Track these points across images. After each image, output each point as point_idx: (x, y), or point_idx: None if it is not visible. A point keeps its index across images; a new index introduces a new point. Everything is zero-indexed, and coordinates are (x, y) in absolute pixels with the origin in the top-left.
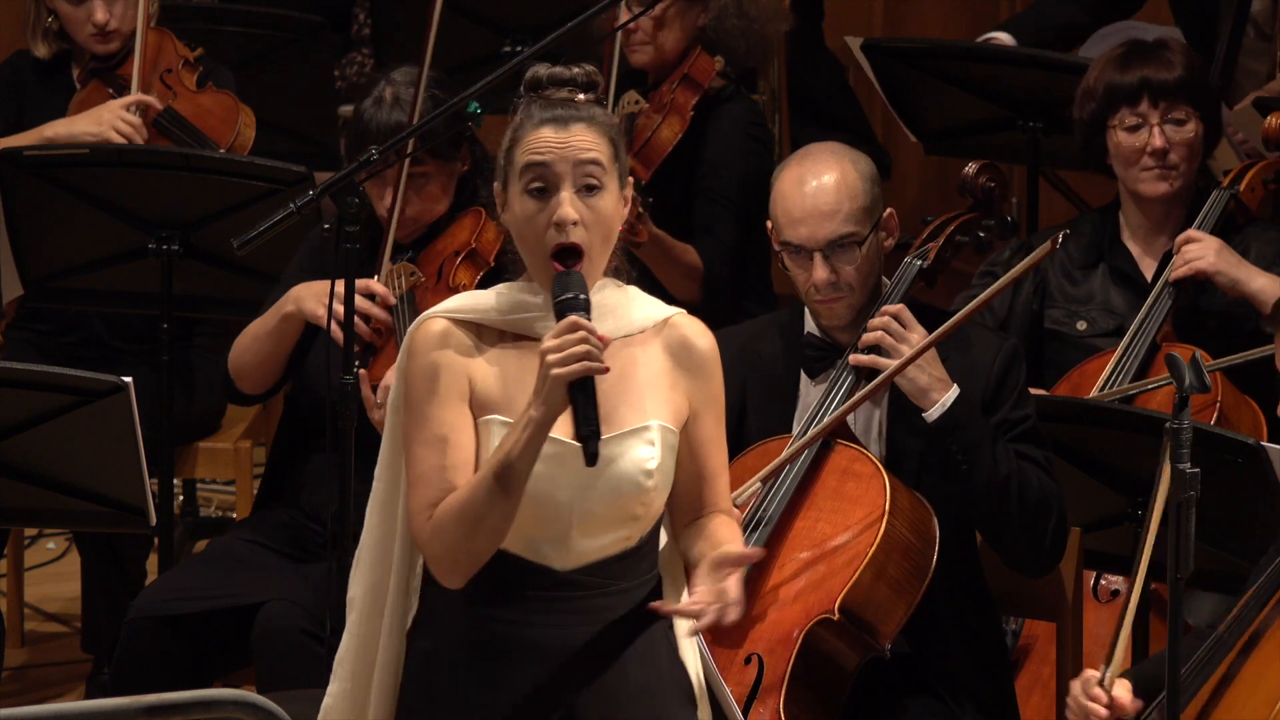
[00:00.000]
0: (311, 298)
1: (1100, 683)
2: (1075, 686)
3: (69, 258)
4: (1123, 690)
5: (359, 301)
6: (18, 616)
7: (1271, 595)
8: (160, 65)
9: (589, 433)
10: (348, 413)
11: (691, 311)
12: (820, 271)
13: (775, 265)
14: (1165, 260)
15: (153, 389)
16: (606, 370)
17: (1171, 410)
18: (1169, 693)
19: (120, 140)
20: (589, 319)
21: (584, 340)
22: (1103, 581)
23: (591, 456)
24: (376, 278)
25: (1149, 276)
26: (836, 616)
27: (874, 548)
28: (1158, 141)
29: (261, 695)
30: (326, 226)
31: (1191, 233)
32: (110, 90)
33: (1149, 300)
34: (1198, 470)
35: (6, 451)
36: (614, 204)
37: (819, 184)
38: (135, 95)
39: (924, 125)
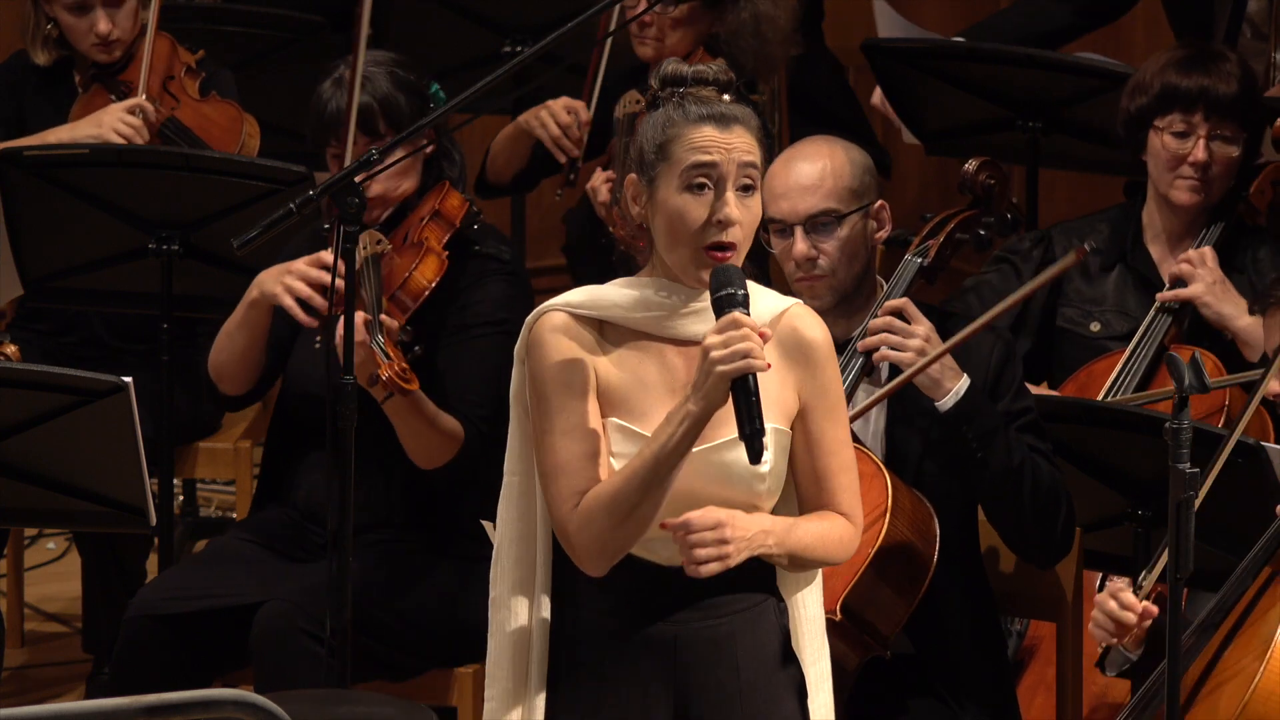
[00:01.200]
0: (270, 279)
1: (1137, 590)
2: (1102, 598)
3: (69, 258)
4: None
5: (314, 274)
6: (18, 616)
7: (1253, 576)
8: (162, 71)
9: (753, 431)
10: (347, 413)
11: None
12: (800, 246)
13: (775, 264)
14: None
15: (153, 389)
16: (768, 367)
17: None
18: (1169, 692)
19: (121, 142)
20: (748, 313)
21: (747, 337)
22: (1109, 582)
23: (756, 455)
24: (329, 249)
25: (1167, 281)
26: (838, 617)
27: (875, 548)
28: (1200, 154)
29: (260, 695)
30: (327, 227)
31: (1191, 254)
32: (112, 96)
33: (1157, 303)
34: (1198, 470)
35: (6, 451)
36: (760, 205)
37: (805, 162)
38: (137, 99)
39: (924, 125)
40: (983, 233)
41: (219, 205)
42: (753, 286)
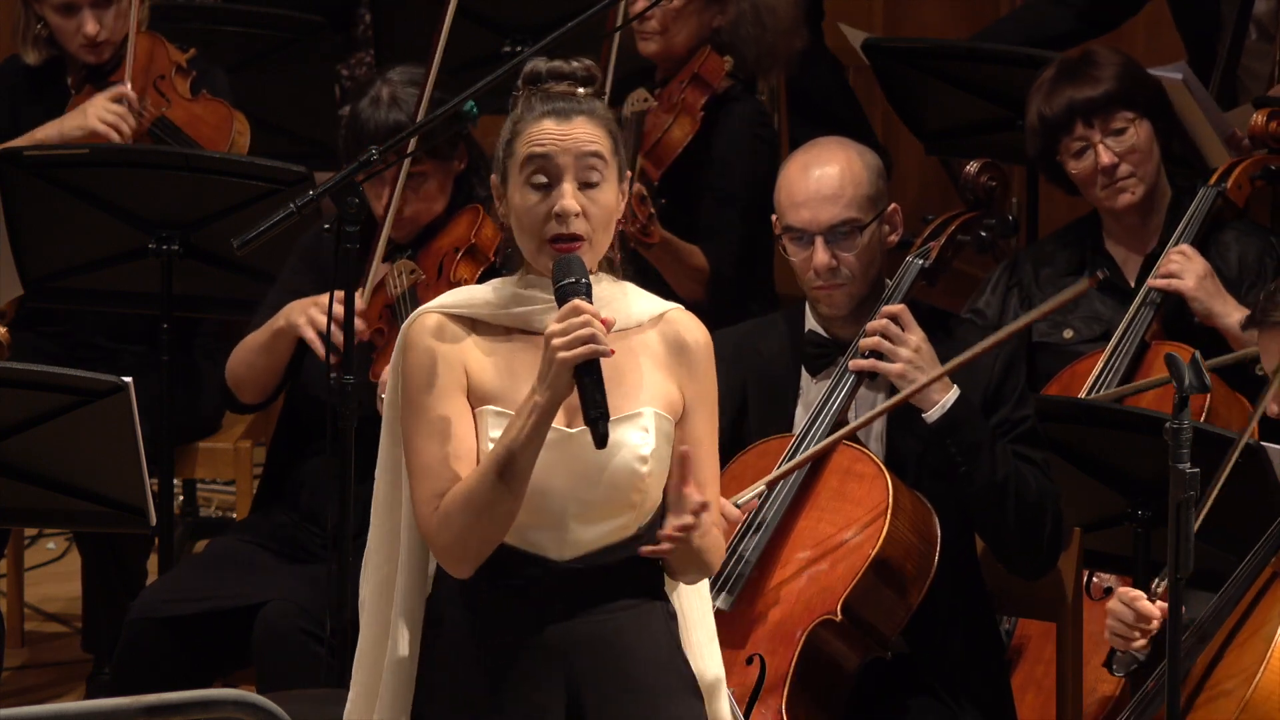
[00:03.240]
0: (298, 310)
1: (1152, 597)
2: (1116, 605)
3: (69, 258)
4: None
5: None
6: (18, 616)
7: (1254, 576)
8: (153, 71)
9: (598, 415)
10: (348, 413)
11: (696, 312)
12: (821, 256)
13: (778, 265)
14: (1149, 262)
15: (153, 389)
16: (611, 353)
17: (1164, 409)
18: (1169, 691)
19: (107, 130)
20: (591, 302)
21: (587, 324)
22: (1094, 579)
23: (601, 439)
24: (369, 276)
25: (1131, 281)
26: (839, 617)
27: (876, 548)
28: (1105, 159)
29: (261, 695)
30: (327, 227)
31: (1184, 247)
32: None
33: (1136, 300)
34: (1198, 470)
35: (6, 451)
36: (613, 197)
37: (823, 170)
38: (121, 89)
39: (924, 125)
40: (984, 234)
41: (219, 205)
42: (630, 287)
